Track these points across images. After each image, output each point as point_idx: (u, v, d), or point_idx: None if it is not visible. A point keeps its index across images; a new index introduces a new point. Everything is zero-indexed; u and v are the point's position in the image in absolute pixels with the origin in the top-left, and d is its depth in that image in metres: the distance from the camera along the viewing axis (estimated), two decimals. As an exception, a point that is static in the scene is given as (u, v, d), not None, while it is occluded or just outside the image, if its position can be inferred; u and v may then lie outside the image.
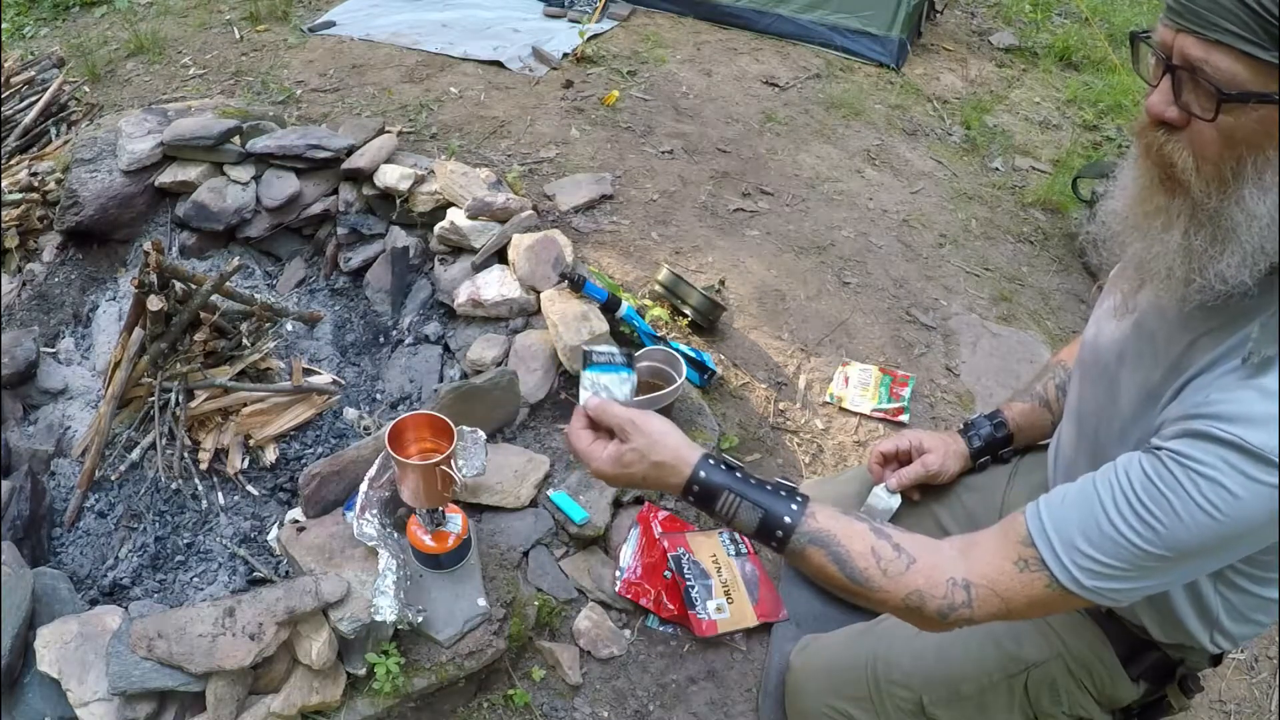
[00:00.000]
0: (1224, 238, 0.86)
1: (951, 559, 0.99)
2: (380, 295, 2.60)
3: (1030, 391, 1.47)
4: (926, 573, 0.98)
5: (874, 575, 0.99)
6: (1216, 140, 0.83)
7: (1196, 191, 0.86)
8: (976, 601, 0.97)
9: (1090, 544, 0.91)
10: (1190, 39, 0.81)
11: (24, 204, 2.63)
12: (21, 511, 1.89)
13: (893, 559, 0.99)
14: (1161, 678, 1.22)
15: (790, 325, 2.51)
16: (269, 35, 3.89)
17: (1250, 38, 0.77)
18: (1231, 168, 0.83)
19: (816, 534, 1.02)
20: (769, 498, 1.04)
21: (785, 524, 1.02)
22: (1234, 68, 0.79)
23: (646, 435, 1.05)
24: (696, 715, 1.66)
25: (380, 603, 1.48)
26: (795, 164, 3.26)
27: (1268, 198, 0.82)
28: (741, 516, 1.04)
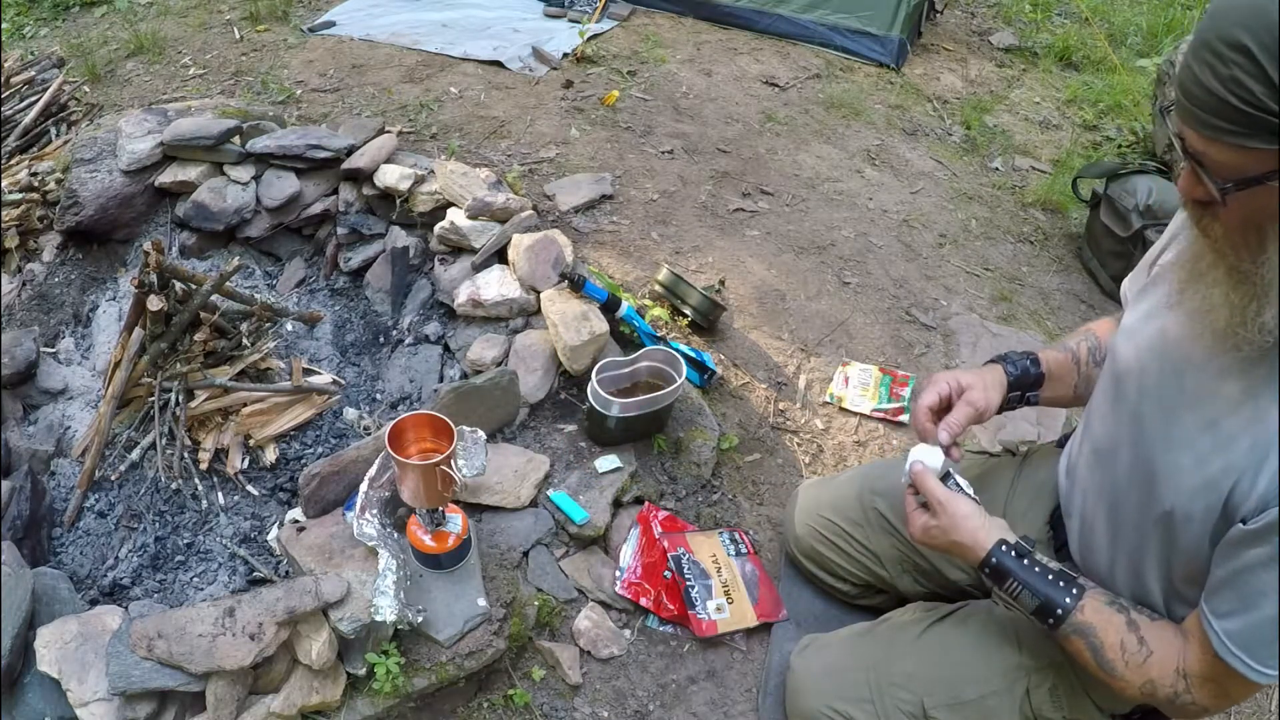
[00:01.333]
0: (1261, 294, 0.93)
1: (1179, 650, 1.10)
2: (380, 295, 2.60)
3: (1064, 345, 1.46)
4: (1160, 665, 1.10)
5: (1119, 666, 1.13)
6: (1239, 214, 0.92)
7: (1232, 258, 0.95)
8: (1195, 689, 1.08)
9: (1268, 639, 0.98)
10: (1191, 132, 0.90)
11: (24, 204, 2.63)
12: (21, 511, 1.89)
13: (1135, 651, 1.12)
14: None
15: (790, 325, 2.51)
16: (269, 35, 3.89)
17: (1239, 131, 0.85)
18: (1254, 234, 0.92)
19: (1081, 626, 1.16)
20: (1049, 587, 1.18)
21: (1058, 615, 1.17)
22: (1232, 158, 0.87)
23: (950, 516, 1.24)
24: (696, 715, 1.66)
25: (380, 603, 1.48)
26: (795, 164, 3.26)
27: None
28: (1023, 600, 1.19)
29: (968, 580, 1.53)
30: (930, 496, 1.25)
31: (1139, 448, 1.12)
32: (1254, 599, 0.97)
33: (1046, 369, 1.41)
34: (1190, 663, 1.08)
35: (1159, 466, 1.08)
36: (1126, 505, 1.15)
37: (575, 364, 2.08)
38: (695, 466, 2.03)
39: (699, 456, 2.04)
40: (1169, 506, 1.06)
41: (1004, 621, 1.35)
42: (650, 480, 1.99)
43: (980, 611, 1.40)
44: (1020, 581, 1.19)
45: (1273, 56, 0.79)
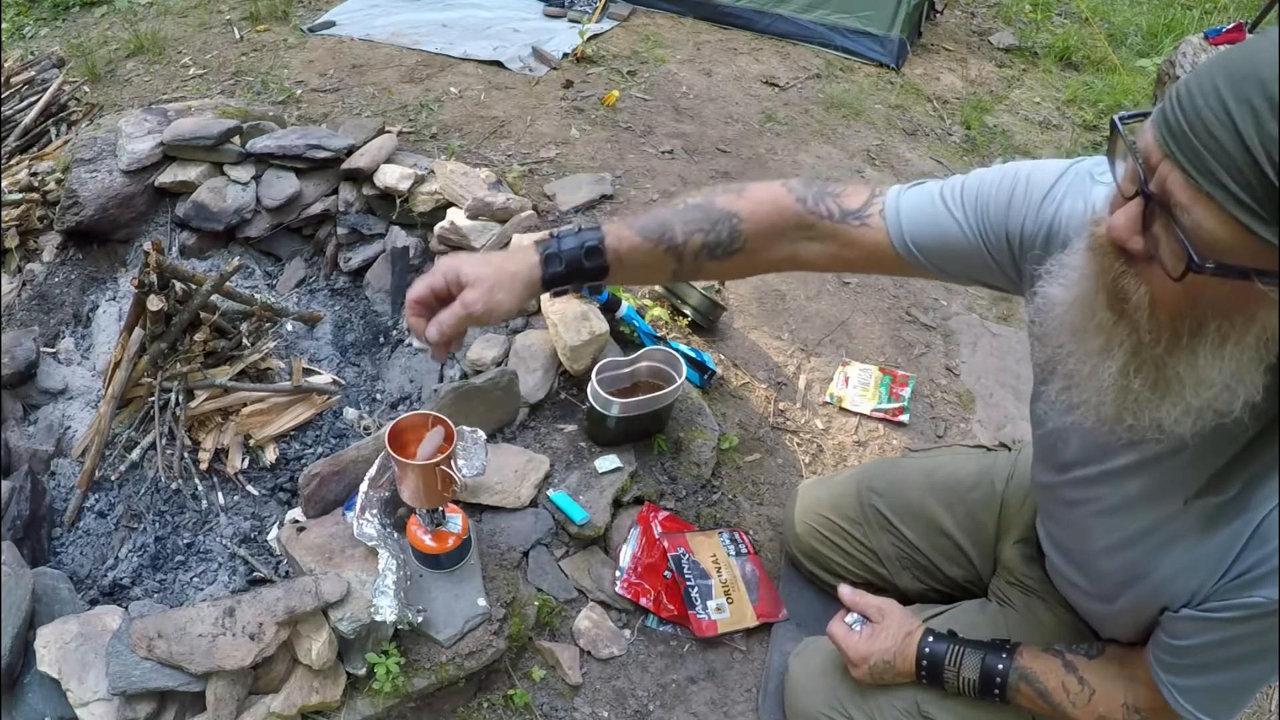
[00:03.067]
0: (1165, 389, 0.78)
1: (1124, 686, 1.12)
2: (380, 295, 2.60)
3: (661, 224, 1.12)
4: (1106, 701, 1.12)
5: (1066, 707, 1.15)
6: (1179, 294, 0.72)
7: (1146, 338, 0.77)
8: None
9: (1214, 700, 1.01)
10: (1179, 176, 0.68)
11: (24, 204, 2.63)
12: (21, 511, 1.89)
13: (1078, 691, 1.14)
14: None
15: (790, 325, 2.51)
16: (269, 35, 3.89)
17: (1249, 206, 0.65)
18: (1190, 325, 0.74)
19: (1025, 672, 1.19)
20: (983, 646, 1.25)
21: (1002, 664, 1.21)
22: (1218, 230, 0.67)
23: (896, 616, 1.34)
24: (696, 715, 1.66)
25: (380, 603, 1.48)
26: (795, 164, 3.26)
27: (1224, 365, 0.74)
28: (966, 662, 1.24)
29: (965, 576, 1.53)
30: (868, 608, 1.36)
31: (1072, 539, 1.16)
32: (1203, 670, 1.00)
33: (615, 257, 1.11)
34: (1142, 700, 1.09)
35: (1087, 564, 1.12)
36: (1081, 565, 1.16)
37: (575, 364, 2.07)
38: (695, 466, 2.03)
39: (699, 456, 2.04)
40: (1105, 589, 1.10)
41: (996, 618, 1.36)
42: (650, 480, 1.99)
43: (973, 610, 1.40)
44: (957, 648, 1.26)
45: None
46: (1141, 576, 1.00)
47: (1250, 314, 0.71)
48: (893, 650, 1.30)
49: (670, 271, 1.15)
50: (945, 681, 1.26)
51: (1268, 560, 0.87)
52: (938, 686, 1.28)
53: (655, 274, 1.18)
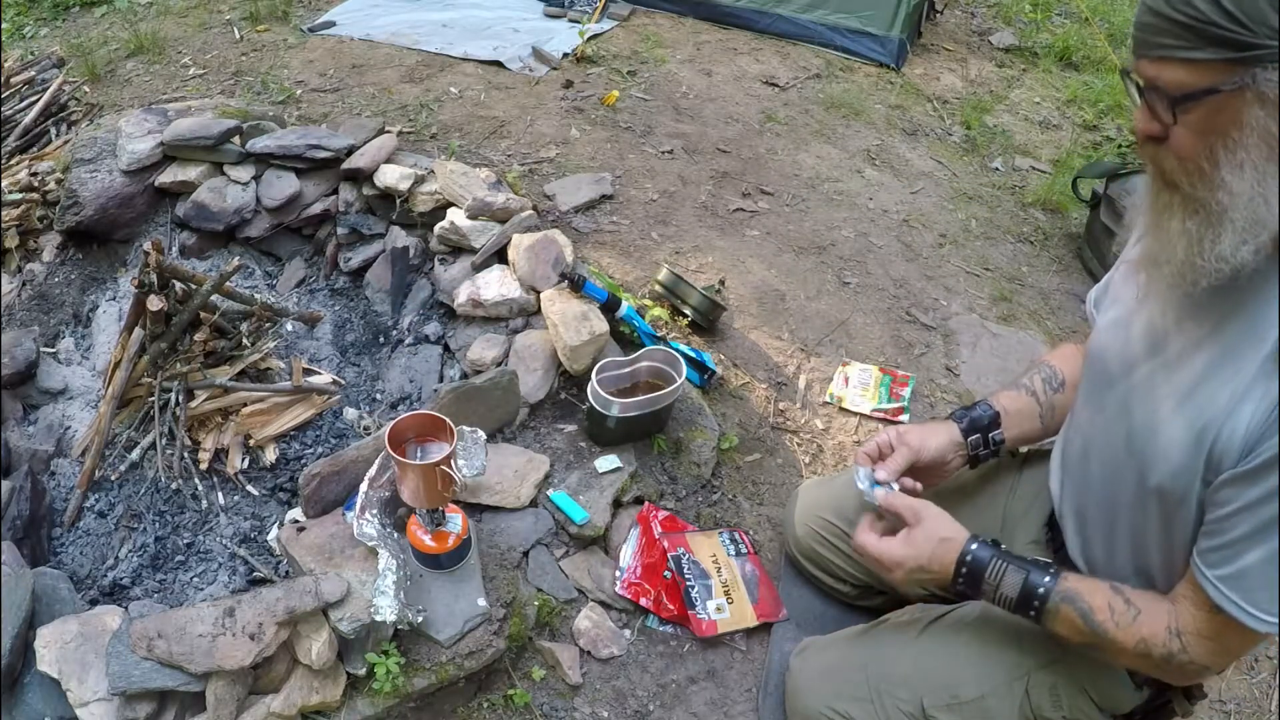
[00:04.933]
0: (1217, 220, 0.94)
1: (1168, 609, 1.11)
2: (380, 295, 2.60)
3: (1017, 384, 1.49)
4: (1150, 623, 1.10)
5: (1110, 627, 1.13)
6: (1189, 138, 0.94)
7: (1186, 187, 0.97)
8: (1190, 648, 1.08)
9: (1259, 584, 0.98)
10: (1145, 62, 0.95)
11: (24, 204, 2.63)
12: (21, 511, 1.89)
13: (1123, 611, 1.12)
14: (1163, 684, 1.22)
15: (790, 325, 2.51)
16: (269, 35, 3.89)
17: (1185, 45, 0.90)
18: (1207, 157, 0.93)
19: (1067, 593, 1.16)
20: (1029, 565, 1.20)
21: (1045, 585, 1.17)
22: (1180, 75, 0.92)
23: (931, 517, 1.27)
24: (696, 715, 1.66)
25: (380, 603, 1.48)
26: (795, 164, 3.26)
27: (1244, 174, 0.92)
28: (1007, 579, 1.20)
29: None
30: (907, 505, 1.29)
31: (1130, 436, 1.13)
32: (1244, 543, 0.98)
33: (1001, 407, 1.45)
34: (1184, 620, 1.08)
35: (1148, 449, 1.09)
36: (1123, 491, 1.16)
37: (575, 364, 2.07)
38: (695, 466, 2.03)
39: (699, 456, 2.04)
40: (1161, 482, 1.07)
41: (1003, 621, 1.35)
42: (650, 480, 1.99)
43: (978, 611, 1.40)
44: (1000, 562, 1.21)
45: None
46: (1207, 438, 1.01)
47: (1239, 122, 0.90)
48: (928, 555, 1.25)
49: (1037, 413, 1.46)
50: (982, 593, 1.23)
51: None
52: (972, 595, 1.26)
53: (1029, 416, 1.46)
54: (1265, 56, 0.86)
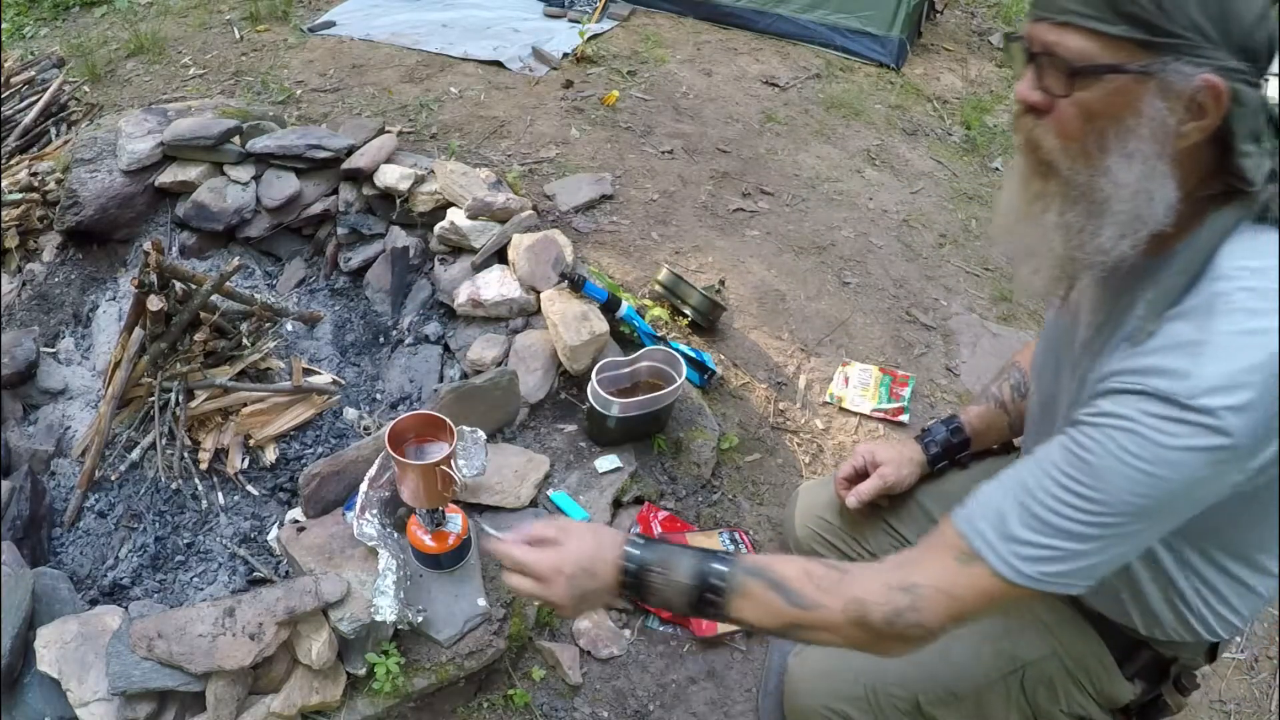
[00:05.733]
0: (1098, 211, 0.90)
1: (888, 568, 0.99)
2: (380, 295, 2.60)
3: (986, 394, 1.46)
4: (862, 582, 0.97)
5: (810, 592, 0.98)
6: (1077, 116, 0.88)
7: (1065, 170, 0.91)
8: (923, 603, 0.94)
9: (1023, 527, 0.91)
10: (1044, 25, 0.87)
11: (24, 204, 2.63)
12: (21, 511, 1.89)
13: (824, 574, 0.99)
14: (1157, 677, 1.22)
15: (790, 325, 2.51)
16: (269, 35, 3.89)
17: (1096, 15, 0.83)
18: (1095, 141, 0.88)
19: (751, 567, 1.02)
20: (698, 554, 1.05)
21: (725, 559, 1.03)
22: (1083, 45, 0.85)
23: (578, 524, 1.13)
24: (696, 715, 1.66)
25: (380, 603, 1.48)
26: (795, 164, 3.26)
27: (1133, 165, 0.86)
28: (681, 563, 1.03)
29: None
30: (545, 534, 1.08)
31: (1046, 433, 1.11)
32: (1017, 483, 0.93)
33: (972, 430, 1.42)
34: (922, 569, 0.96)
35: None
36: None
37: (575, 364, 2.07)
38: (695, 466, 2.03)
39: (699, 456, 2.04)
40: None
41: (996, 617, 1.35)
42: (650, 480, 1.99)
43: None
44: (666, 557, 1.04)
45: None
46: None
47: (1135, 109, 0.85)
48: (589, 555, 1.05)
49: (1006, 423, 1.41)
50: (654, 589, 1.04)
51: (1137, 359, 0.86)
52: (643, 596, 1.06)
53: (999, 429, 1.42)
54: (1178, 47, 0.82)
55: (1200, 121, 0.85)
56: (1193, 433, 0.82)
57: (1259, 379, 0.82)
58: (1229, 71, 0.83)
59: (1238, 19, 0.82)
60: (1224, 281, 0.86)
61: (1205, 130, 0.85)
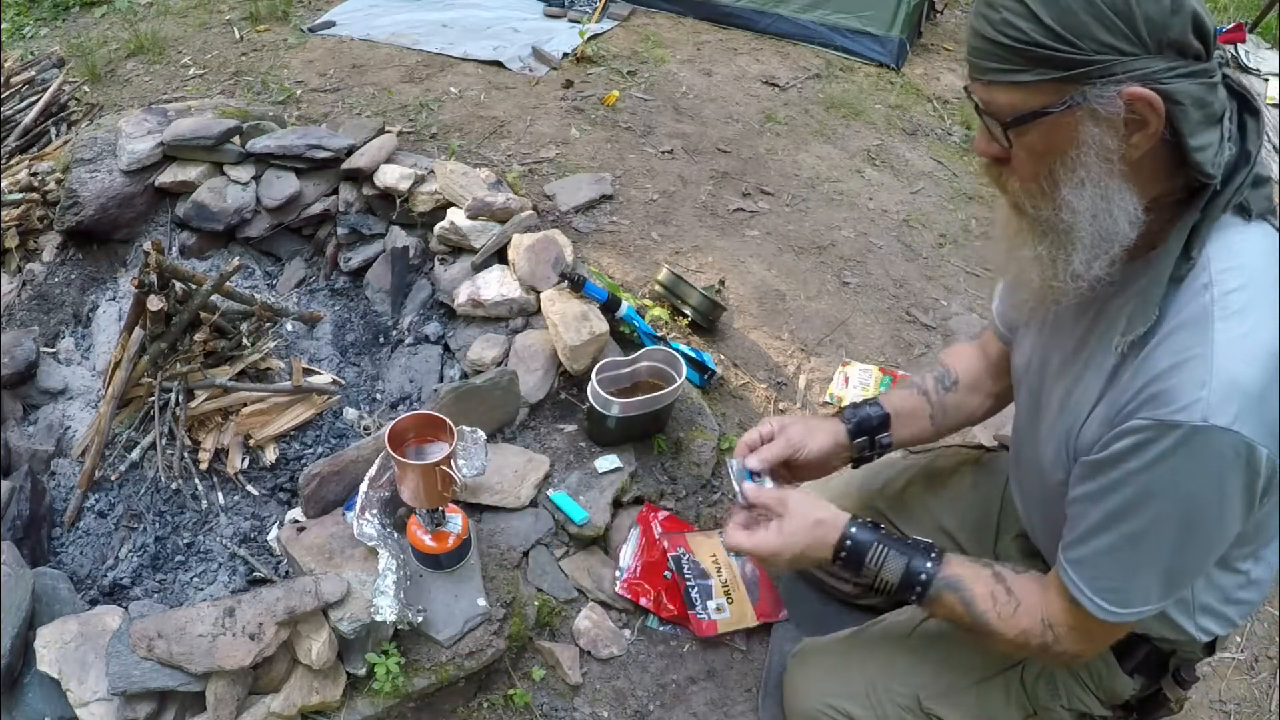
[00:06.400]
0: (1064, 241, 0.94)
1: (1041, 600, 1.09)
2: (380, 295, 2.60)
3: (910, 382, 1.47)
4: (1029, 614, 1.09)
5: (992, 618, 1.10)
6: (1027, 159, 0.93)
7: (1030, 210, 0.96)
8: (1063, 638, 1.06)
9: (1106, 576, 0.98)
10: (978, 85, 0.93)
11: (24, 204, 2.63)
12: (21, 511, 1.89)
13: (1005, 601, 1.10)
14: (1155, 671, 1.23)
15: (790, 325, 2.51)
16: (269, 35, 3.89)
17: (1011, 68, 0.88)
18: (1047, 178, 0.92)
19: (951, 580, 1.13)
20: (910, 549, 1.16)
21: (927, 571, 1.13)
22: (1009, 97, 0.90)
23: (799, 502, 1.20)
24: (696, 715, 1.66)
25: (380, 603, 1.48)
26: (795, 164, 3.26)
27: (1085, 191, 0.90)
28: (889, 565, 1.15)
29: None
30: (774, 496, 1.22)
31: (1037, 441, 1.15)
32: (1093, 531, 0.98)
33: (892, 408, 1.41)
34: (1053, 610, 1.07)
35: (1042, 456, 1.11)
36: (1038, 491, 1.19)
37: (575, 364, 2.08)
38: (695, 466, 2.03)
39: (699, 456, 2.04)
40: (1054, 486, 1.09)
41: None
42: (650, 480, 1.99)
43: None
44: (882, 547, 1.15)
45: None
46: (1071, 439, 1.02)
47: (1074, 140, 0.88)
48: (804, 541, 1.18)
49: (927, 411, 1.42)
50: (863, 576, 1.18)
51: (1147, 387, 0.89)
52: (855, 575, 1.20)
53: (920, 417, 1.42)
54: (1094, 72, 0.84)
55: (1144, 131, 0.86)
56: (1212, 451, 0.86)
57: (1261, 378, 0.85)
58: (1156, 74, 0.84)
59: (1148, 21, 0.82)
60: (1215, 289, 0.88)
61: (1152, 137, 0.87)
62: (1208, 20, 0.85)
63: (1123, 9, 0.82)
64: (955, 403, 1.41)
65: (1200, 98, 0.86)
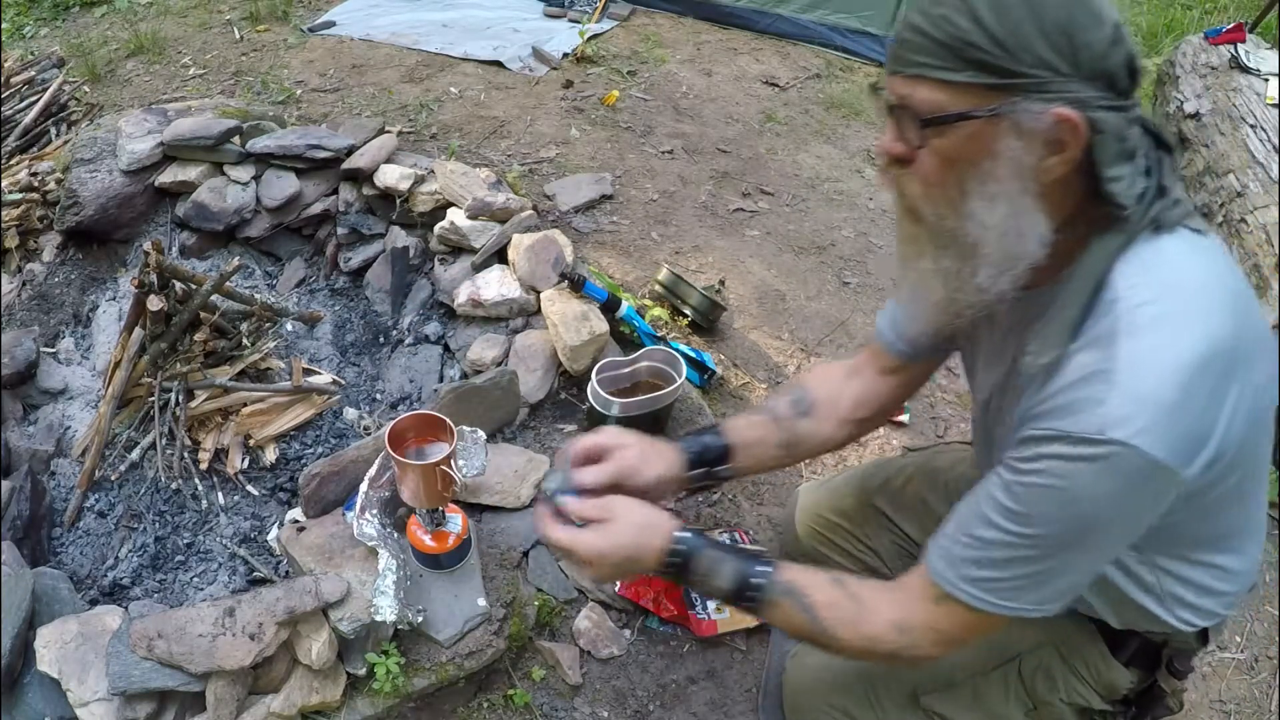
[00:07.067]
0: (970, 254, 0.91)
1: (890, 603, 1.05)
2: (380, 295, 2.60)
3: (762, 407, 1.39)
4: (872, 620, 1.04)
5: (832, 625, 1.05)
6: (936, 164, 0.89)
7: (931, 216, 0.93)
8: (918, 639, 1.02)
9: (981, 566, 0.95)
10: (898, 79, 0.89)
11: (24, 204, 2.63)
12: (21, 511, 1.89)
13: (846, 606, 1.05)
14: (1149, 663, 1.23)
15: (790, 325, 2.51)
16: (269, 35, 3.90)
17: (943, 65, 0.84)
18: (956, 186, 0.89)
19: (787, 585, 1.07)
20: (742, 556, 1.10)
21: (760, 574, 1.07)
22: (934, 95, 0.86)
23: (625, 505, 1.13)
24: (696, 715, 1.66)
25: (380, 603, 1.48)
26: (795, 164, 3.26)
27: (996, 206, 0.87)
28: (721, 568, 1.09)
29: None
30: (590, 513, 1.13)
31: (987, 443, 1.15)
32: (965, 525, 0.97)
33: (736, 438, 1.32)
34: (910, 610, 1.03)
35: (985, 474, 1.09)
36: None
37: (575, 364, 2.07)
38: (695, 466, 2.03)
39: (699, 456, 2.04)
40: None
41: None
42: (650, 480, 1.99)
43: None
44: (713, 550, 1.09)
45: None
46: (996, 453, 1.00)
47: (992, 153, 0.85)
48: (632, 543, 1.11)
49: (777, 438, 1.33)
50: (693, 581, 1.11)
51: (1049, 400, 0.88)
52: (683, 583, 1.14)
53: (766, 445, 1.33)
54: (1026, 86, 0.82)
55: (1061, 155, 0.85)
56: (1110, 467, 0.84)
57: (1170, 393, 0.82)
58: (1086, 101, 0.83)
59: (1088, 48, 0.81)
60: (1122, 304, 0.87)
61: (1068, 162, 0.85)
62: (1138, 60, 0.85)
63: (1067, 30, 0.81)
64: (810, 429, 1.34)
65: (1120, 131, 0.85)
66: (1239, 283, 0.92)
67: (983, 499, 0.95)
